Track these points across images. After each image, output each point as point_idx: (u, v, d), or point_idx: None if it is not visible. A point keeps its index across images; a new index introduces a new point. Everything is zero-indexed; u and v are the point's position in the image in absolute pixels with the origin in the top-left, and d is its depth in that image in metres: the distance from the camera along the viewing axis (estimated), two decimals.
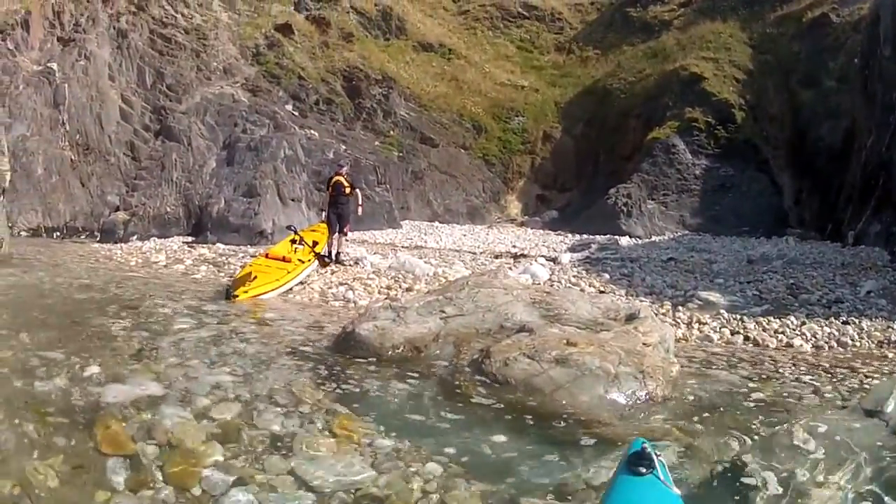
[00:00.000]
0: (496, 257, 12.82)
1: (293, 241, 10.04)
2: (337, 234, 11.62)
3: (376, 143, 18.09)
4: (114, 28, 18.70)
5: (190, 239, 15.48)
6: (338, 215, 11.64)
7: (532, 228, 18.40)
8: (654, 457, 2.40)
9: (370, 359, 5.07)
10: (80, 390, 4.21)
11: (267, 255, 9.71)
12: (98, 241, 15.64)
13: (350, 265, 11.12)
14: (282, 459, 3.43)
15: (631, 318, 5.40)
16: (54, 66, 18.53)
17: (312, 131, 17.33)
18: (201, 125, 17.13)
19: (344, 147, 17.43)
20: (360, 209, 12.20)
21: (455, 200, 19.43)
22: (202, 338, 5.85)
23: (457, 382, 4.48)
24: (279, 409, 4.07)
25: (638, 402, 4.18)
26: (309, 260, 9.90)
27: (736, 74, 18.11)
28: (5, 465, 3.23)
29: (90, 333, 5.82)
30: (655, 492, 2.29)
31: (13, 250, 11.64)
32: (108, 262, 12.08)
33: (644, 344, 4.82)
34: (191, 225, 16.28)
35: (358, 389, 4.58)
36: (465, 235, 16.66)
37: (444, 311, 5.32)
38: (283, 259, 9.42)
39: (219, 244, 14.47)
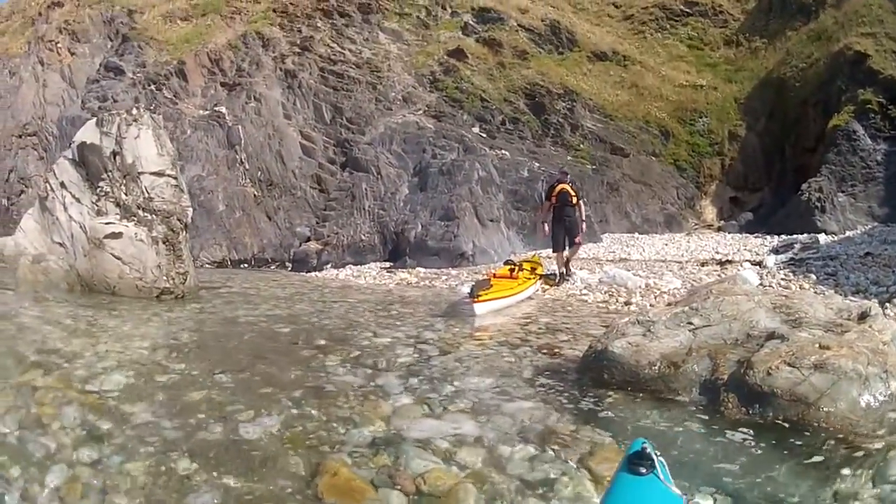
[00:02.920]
0: (702, 265, 12.43)
1: (511, 270, 10.26)
2: (567, 249, 11.13)
3: (568, 157, 17.61)
4: (280, 69, 19.35)
5: (388, 264, 15.98)
6: (565, 229, 10.99)
7: (729, 233, 17.92)
8: (655, 457, 2.35)
9: (624, 378, 4.81)
10: (291, 435, 3.97)
11: (494, 275, 10.14)
12: (290, 271, 16.55)
13: (562, 283, 10.83)
14: None
15: (863, 316, 5.22)
16: (223, 109, 19.40)
17: (503, 151, 17.04)
18: (389, 154, 17.20)
19: (537, 164, 17.11)
20: (583, 224, 11.31)
21: (651, 209, 18.85)
22: (430, 370, 5.46)
23: (722, 398, 4.30)
24: (530, 447, 3.78)
25: (884, 403, 4.08)
26: (531, 279, 10.17)
27: (893, 47, 16.59)
28: None
29: (299, 371, 5.42)
30: (655, 492, 2.25)
31: (201, 282, 11.62)
32: (305, 291, 12.02)
33: (882, 342, 4.70)
34: (387, 251, 16.82)
35: (615, 415, 4.30)
36: (666, 245, 16.39)
37: (691, 323, 5.18)
38: (511, 276, 9.86)
39: (419, 268, 14.82)
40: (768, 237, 15.90)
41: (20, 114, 25.72)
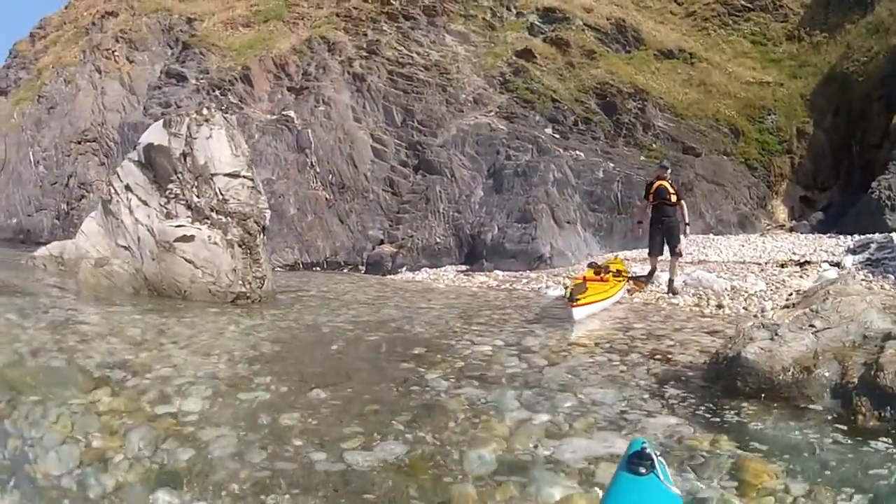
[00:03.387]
0: (781, 266, 12.21)
1: (596, 273, 10.13)
2: (670, 256, 10.18)
3: (641, 157, 17.41)
4: (348, 73, 19.35)
5: (464, 267, 16.00)
6: (665, 231, 10.13)
7: (801, 233, 17.42)
8: (655, 457, 2.32)
9: (758, 386, 4.58)
10: (408, 463, 3.57)
11: (584, 279, 9.86)
12: (364, 273, 16.58)
13: (648, 285, 10.44)
14: None
15: None
16: (291, 113, 19.47)
17: (577, 152, 16.95)
18: (462, 156, 17.16)
19: (612, 165, 17.02)
20: (686, 227, 10.46)
21: (725, 210, 18.77)
22: (544, 381, 5.06)
23: (855, 403, 4.15)
24: (673, 463, 3.49)
25: None
26: (620, 282, 9.96)
27: None
28: None
29: (401, 386, 4.95)
30: (655, 492, 2.24)
31: (276, 286, 11.22)
32: (387, 295, 11.73)
33: None
34: (462, 254, 16.78)
35: (756, 427, 4.06)
36: (742, 246, 16.06)
37: (813, 326, 4.99)
38: (601, 279, 9.62)
39: (496, 271, 14.80)
40: (841, 237, 15.49)
41: (78, 121, 26.08)
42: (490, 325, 7.68)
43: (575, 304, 7.83)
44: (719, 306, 8.65)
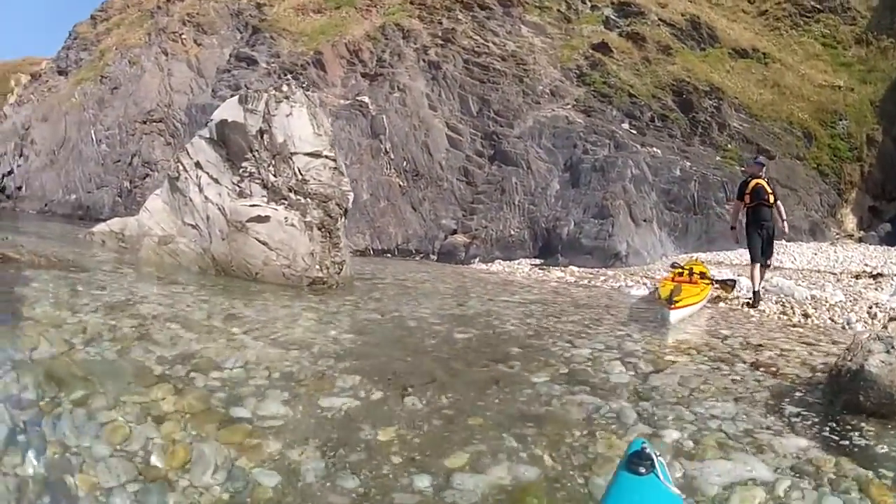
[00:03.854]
0: (856, 277, 11.92)
1: (679, 274, 9.77)
2: (760, 264, 9.22)
3: (717, 157, 17.20)
4: (423, 61, 19.27)
5: (538, 261, 15.86)
6: (763, 237, 9.19)
7: (870, 244, 17.24)
8: (654, 457, 2.40)
9: (880, 402, 4.22)
10: (525, 488, 3.18)
11: (673, 279, 9.55)
12: (436, 262, 16.52)
13: (728, 290, 9.76)
14: None
15: None
16: (365, 99, 19.43)
17: (654, 149, 16.82)
18: (538, 148, 17.10)
19: (689, 164, 16.66)
20: (785, 225, 9.52)
21: (797, 216, 18.48)
22: (656, 392, 4.61)
23: None
24: (808, 486, 3.27)
25: None
26: (707, 285, 9.45)
27: None
28: None
29: (506, 393, 4.45)
30: (655, 492, 2.29)
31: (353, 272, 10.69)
32: (466, 286, 11.38)
33: None
34: (537, 247, 16.68)
35: (878, 446, 3.75)
36: (815, 254, 15.90)
37: None
38: (691, 281, 9.25)
39: (572, 266, 14.67)
40: None
41: (143, 101, 26.40)
42: (583, 326, 7.21)
43: (673, 306, 7.54)
44: (805, 315, 8.32)
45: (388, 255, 17.78)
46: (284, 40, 22.24)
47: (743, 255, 15.34)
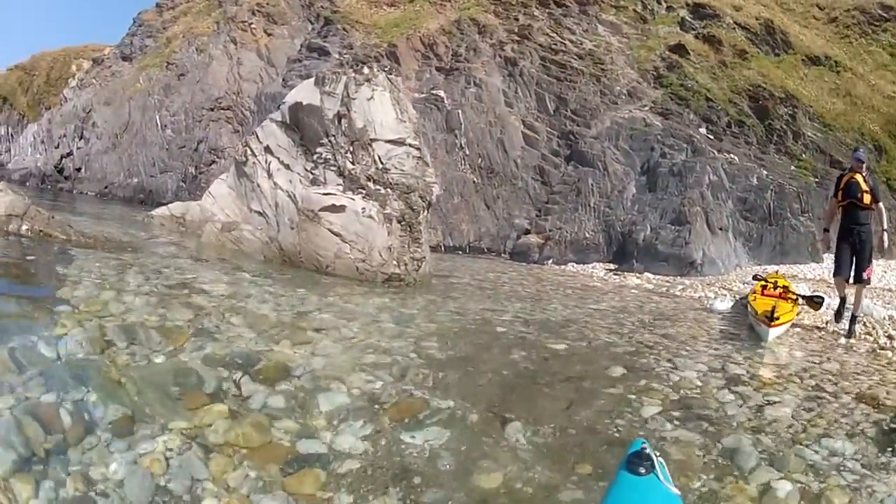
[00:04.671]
0: None
1: (763, 287, 9.21)
2: (853, 280, 8.02)
3: (792, 167, 16.96)
4: (499, 56, 19.35)
5: (612, 266, 15.76)
6: (854, 244, 7.96)
7: None
8: (654, 457, 2.40)
9: None
10: None
11: (762, 293, 9.04)
12: (509, 261, 16.55)
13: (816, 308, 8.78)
14: None
15: None
16: (441, 93, 19.52)
17: (731, 155, 16.83)
18: (615, 150, 17.14)
19: (765, 172, 16.51)
20: (886, 236, 8.36)
21: None
22: (773, 426, 4.27)
23: None
24: None
25: None
26: (796, 301, 8.86)
27: None
28: None
29: (619, 421, 4.13)
30: (655, 492, 2.29)
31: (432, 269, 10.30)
32: (547, 289, 10.93)
33: None
34: (611, 251, 16.57)
35: None
36: (885, 272, 15.38)
37: None
38: (780, 296, 8.74)
39: (647, 273, 14.66)
40: None
41: (211, 88, 26.78)
42: (680, 342, 6.80)
43: (773, 323, 7.16)
44: (890, 337, 7.95)
45: (460, 252, 17.86)
46: (357, 32, 22.44)
47: (817, 269, 15.07)
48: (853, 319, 7.96)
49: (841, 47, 21.85)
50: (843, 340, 7.68)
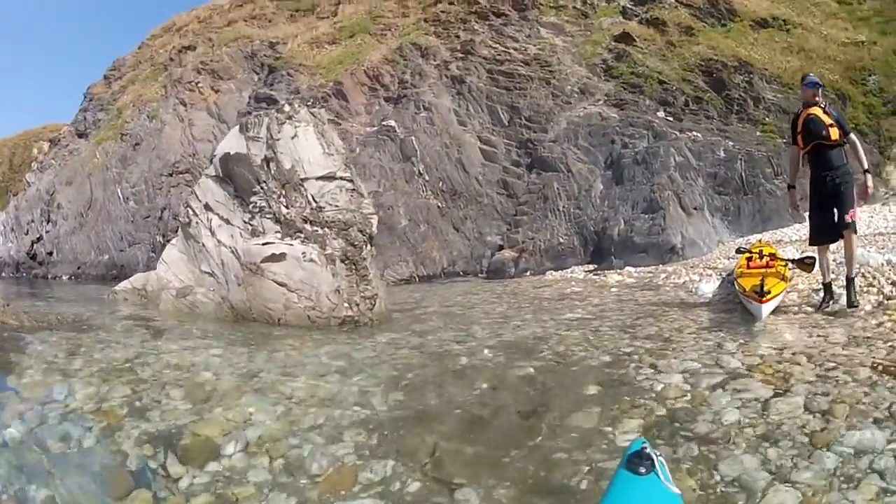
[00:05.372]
0: None
1: (749, 259, 8.57)
2: (826, 243, 6.88)
3: (757, 133, 16.64)
4: (446, 76, 19.02)
5: (591, 267, 15.29)
6: (831, 194, 6.58)
7: None
8: (655, 456, 2.38)
9: None
10: None
11: (748, 266, 8.37)
12: (486, 280, 15.91)
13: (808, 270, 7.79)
14: None
15: None
16: (392, 122, 19.20)
17: (694, 133, 16.42)
18: (576, 149, 16.80)
19: (731, 143, 16.16)
20: (868, 178, 6.79)
21: None
22: (789, 438, 3.58)
23: None
24: None
25: None
26: (785, 267, 8.19)
27: None
28: None
29: (590, 467, 3.50)
30: (656, 492, 2.27)
31: (394, 303, 9.76)
32: (520, 305, 10.20)
33: None
34: (588, 252, 16.14)
35: None
36: (871, 217, 15.20)
37: None
38: (768, 265, 8.10)
39: (628, 268, 14.09)
40: None
41: (167, 154, 26.41)
42: (664, 340, 6.11)
43: (764, 299, 6.51)
44: (895, 284, 7.30)
45: (436, 279, 17.35)
46: (302, 75, 22.13)
47: (801, 230, 14.68)
48: (850, 284, 6.56)
49: (787, 5, 21.66)
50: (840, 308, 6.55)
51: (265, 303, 8.15)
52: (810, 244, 7.29)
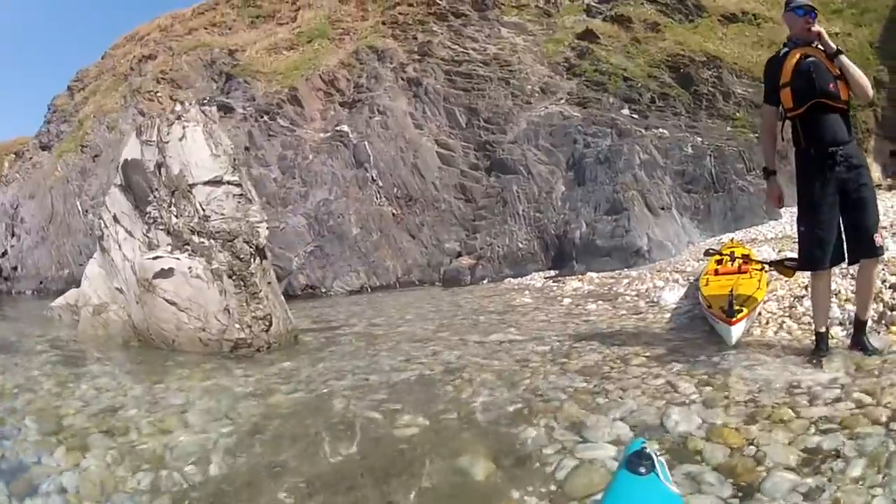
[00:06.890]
0: None
1: (718, 262, 7.53)
2: (848, 259, 4.65)
3: (727, 128, 15.93)
4: (402, 79, 18.31)
5: (552, 273, 14.44)
6: (839, 181, 4.47)
7: None
8: (654, 456, 2.33)
9: None
10: None
11: (716, 272, 7.28)
12: (442, 289, 14.93)
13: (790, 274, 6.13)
14: None
15: None
16: (345, 128, 18.55)
17: (660, 130, 15.71)
18: (536, 150, 16.03)
19: (700, 139, 15.46)
20: None
21: None
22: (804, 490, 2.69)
23: None
24: None
25: None
26: (760, 271, 6.97)
27: None
28: None
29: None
30: (656, 492, 2.22)
31: (319, 320, 9.20)
32: (453, 323, 8.93)
33: None
34: (549, 258, 15.32)
35: None
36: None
37: None
38: (739, 271, 6.98)
39: (590, 273, 13.15)
40: None
41: None
42: (601, 377, 4.83)
43: (734, 319, 5.22)
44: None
45: (391, 289, 16.33)
46: (259, 82, 21.37)
47: (777, 226, 13.97)
48: (860, 328, 4.61)
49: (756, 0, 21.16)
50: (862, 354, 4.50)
51: (159, 322, 7.45)
52: (802, 268, 4.99)
